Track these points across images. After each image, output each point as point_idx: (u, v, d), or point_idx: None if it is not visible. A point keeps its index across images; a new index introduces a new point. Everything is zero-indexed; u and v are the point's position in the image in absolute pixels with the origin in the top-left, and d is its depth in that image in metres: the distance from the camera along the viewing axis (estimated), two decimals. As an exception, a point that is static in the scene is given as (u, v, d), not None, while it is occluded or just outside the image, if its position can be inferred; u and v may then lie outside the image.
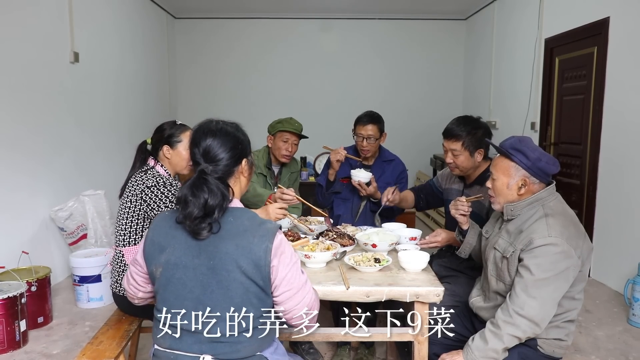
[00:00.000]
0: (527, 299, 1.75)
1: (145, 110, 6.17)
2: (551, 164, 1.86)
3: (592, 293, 3.90)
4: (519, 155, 1.86)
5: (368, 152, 3.04)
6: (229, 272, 1.40)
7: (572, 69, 4.67)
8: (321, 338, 2.05)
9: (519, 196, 1.89)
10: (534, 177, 1.86)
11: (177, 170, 2.40)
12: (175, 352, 1.46)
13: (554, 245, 1.74)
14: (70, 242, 4.05)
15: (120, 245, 2.32)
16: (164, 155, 2.36)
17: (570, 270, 1.78)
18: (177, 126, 2.38)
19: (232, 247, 1.41)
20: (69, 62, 4.30)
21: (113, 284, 2.35)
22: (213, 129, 1.51)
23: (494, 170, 1.96)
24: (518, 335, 1.78)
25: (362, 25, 7.54)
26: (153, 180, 2.24)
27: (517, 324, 1.76)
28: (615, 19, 3.99)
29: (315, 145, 4.66)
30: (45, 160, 3.98)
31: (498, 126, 6.25)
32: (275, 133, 3.13)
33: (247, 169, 1.59)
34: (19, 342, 2.96)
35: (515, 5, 5.79)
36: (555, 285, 1.76)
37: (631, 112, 3.80)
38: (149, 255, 1.51)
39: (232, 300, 1.42)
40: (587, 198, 4.34)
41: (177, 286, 1.44)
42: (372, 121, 3.00)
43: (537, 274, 1.74)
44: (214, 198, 1.40)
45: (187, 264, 1.43)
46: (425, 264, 2.06)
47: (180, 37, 7.55)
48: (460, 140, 2.43)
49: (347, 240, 2.35)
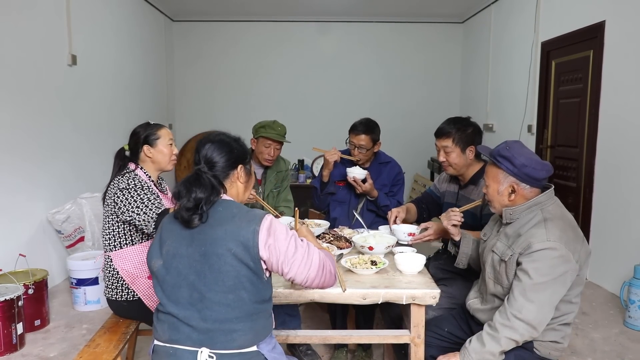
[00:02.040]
0: (526, 302, 1.76)
1: (143, 113, 6.17)
2: (539, 169, 1.84)
3: (588, 295, 3.91)
4: (505, 162, 1.87)
5: (360, 160, 3.07)
6: (219, 257, 1.47)
7: (568, 72, 4.70)
8: (318, 340, 2.05)
9: (511, 202, 1.90)
10: (523, 183, 1.87)
11: (161, 167, 2.39)
12: (175, 347, 1.50)
13: (552, 249, 1.75)
14: (67, 245, 4.05)
15: (108, 250, 2.30)
16: (145, 155, 2.34)
17: (568, 275, 1.78)
18: (151, 126, 2.37)
19: (222, 232, 1.49)
20: (67, 64, 4.30)
21: (106, 290, 2.34)
22: (212, 137, 1.68)
23: (485, 178, 1.99)
24: (515, 339, 1.79)
25: (359, 28, 7.56)
26: (125, 183, 2.23)
27: (515, 328, 1.77)
28: (611, 22, 4.01)
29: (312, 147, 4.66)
30: (43, 163, 3.98)
31: (495, 129, 6.27)
32: (258, 137, 3.14)
33: (243, 175, 1.70)
34: (15, 345, 2.96)
35: (512, 9, 5.82)
36: (553, 289, 1.77)
37: (627, 114, 3.82)
38: (150, 253, 1.61)
39: (224, 284, 1.48)
40: (584, 200, 4.36)
41: (173, 275, 1.52)
42: (365, 131, 3.01)
43: (536, 278, 1.75)
44: (203, 191, 1.52)
45: (182, 253, 1.52)
46: (422, 267, 2.08)
47: (178, 40, 7.55)
48: (451, 137, 2.49)
49: (343, 242, 2.35)
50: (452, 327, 2.15)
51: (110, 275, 2.30)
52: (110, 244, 2.29)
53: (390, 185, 3.14)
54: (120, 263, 2.27)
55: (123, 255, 2.27)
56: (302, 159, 6.42)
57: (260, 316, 1.54)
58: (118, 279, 2.27)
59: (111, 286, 2.29)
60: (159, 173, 2.44)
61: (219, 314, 1.48)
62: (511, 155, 1.86)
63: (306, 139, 6.40)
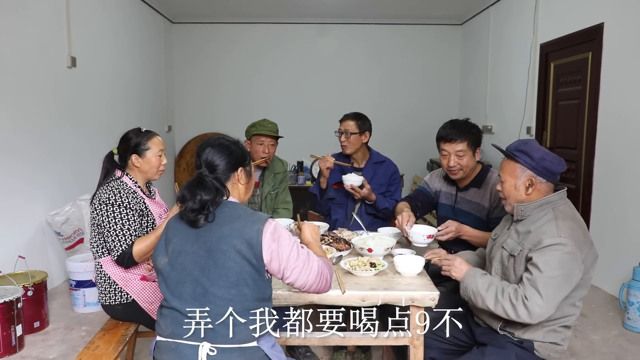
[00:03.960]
0: (536, 293, 1.77)
1: (142, 115, 6.18)
2: (556, 163, 1.90)
3: (587, 297, 3.89)
4: (523, 157, 1.90)
5: (346, 147, 3.06)
6: (223, 252, 1.52)
7: (567, 74, 4.70)
8: (317, 342, 2.05)
9: (527, 196, 1.92)
10: (541, 177, 1.90)
11: (147, 177, 2.35)
12: (176, 341, 1.54)
13: (562, 245, 1.76)
14: (66, 247, 4.05)
15: (97, 257, 2.28)
16: (132, 164, 2.30)
17: (575, 273, 1.79)
18: (142, 134, 2.31)
19: (227, 230, 1.55)
20: (66, 66, 4.30)
21: (99, 295, 2.32)
22: (212, 141, 1.72)
23: (501, 173, 2.00)
24: (508, 315, 1.80)
25: (358, 30, 7.57)
26: (106, 196, 2.18)
27: (517, 308, 1.78)
28: (609, 24, 4.02)
29: (312, 149, 4.67)
30: (42, 165, 3.98)
31: (494, 130, 6.27)
32: (251, 137, 3.14)
33: (243, 177, 1.73)
34: (14, 347, 2.95)
35: (511, 11, 5.83)
36: (560, 286, 1.77)
37: (626, 116, 3.83)
38: (156, 252, 1.66)
39: (228, 279, 1.51)
40: (583, 202, 4.36)
41: (178, 271, 1.57)
42: (351, 118, 3.07)
43: (546, 271, 1.76)
44: (208, 194, 1.57)
45: (187, 249, 1.57)
46: (421, 269, 2.07)
47: (178, 42, 7.56)
48: (466, 140, 2.45)
49: (343, 244, 2.36)
50: (451, 329, 2.14)
51: (102, 281, 2.28)
52: (98, 250, 2.27)
53: (387, 185, 3.13)
54: (111, 268, 2.26)
55: (112, 260, 2.25)
56: (301, 161, 6.42)
57: (259, 312, 1.57)
58: (110, 283, 2.26)
59: (104, 291, 2.28)
60: (146, 181, 2.41)
61: (221, 309, 1.51)
62: (529, 150, 1.90)
63: (305, 141, 6.42)
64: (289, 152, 5.67)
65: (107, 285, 2.27)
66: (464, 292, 1.95)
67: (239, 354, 1.52)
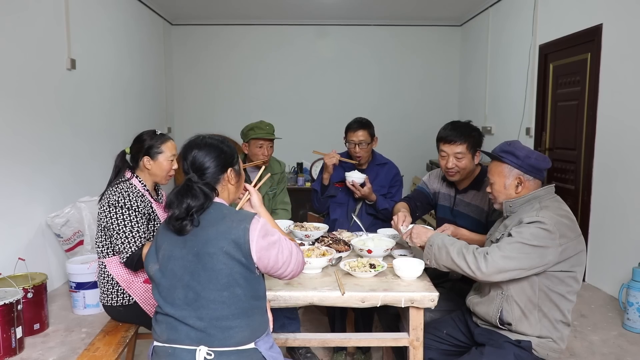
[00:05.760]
0: (497, 249, 1.83)
1: (142, 117, 6.19)
2: (541, 159, 1.97)
3: (587, 298, 3.91)
4: (509, 157, 1.98)
5: (361, 157, 3.07)
6: (211, 256, 1.50)
7: (566, 75, 4.71)
8: (317, 343, 2.06)
9: (517, 194, 1.99)
10: (528, 175, 1.97)
11: (156, 180, 2.35)
12: (173, 346, 1.52)
13: (540, 222, 1.82)
14: (66, 249, 4.05)
15: (102, 257, 2.29)
16: (144, 166, 2.30)
17: (549, 252, 1.81)
18: (157, 136, 2.31)
19: (213, 233, 1.52)
20: (66, 68, 4.31)
21: (101, 296, 2.32)
22: (198, 142, 1.66)
23: (490, 175, 2.05)
24: (470, 267, 1.84)
25: (358, 32, 7.58)
26: (115, 198, 2.18)
27: (478, 260, 1.83)
28: (608, 25, 4.03)
29: (311, 151, 4.68)
30: (42, 167, 3.98)
31: (493, 132, 6.28)
32: (249, 140, 3.14)
33: (233, 178, 1.70)
34: (14, 349, 2.95)
35: (510, 12, 5.84)
36: (524, 250, 1.80)
37: (625, 117, 3.83)
38: (147, 259, 1.63)
39: (218, 282, 1.50)
40: (582, 203, 4.37)
41: (169, 277, 1.55)
42: (362, 127, 3.04)
43: (516, 237, 1.83)
44: (195, 201, 1.53)
45: (176, 255, 1.55)
46: (420, 272, 2.07)
47: (177, 44, 7.57)
48: (466, 142, 2.44)
49: (342, 246, 2.36)
50: (451, 330, 2.15)
51: (105, 281, 2.28)
52: (103, 250, 2.28)
53: (389, 187, 3.14)
54: (115, 269, 2.26)
55: (117, 261, 2.26)
56: (300, 162, 6.43)
57: (255, 312, 1.57)
58: (113, 284, 2.26)
59: (106, 292, 2.28)
60: (154, 184, 2.41)
61: (215, 312, 1.50)
62: (514, 149, 1.98)
63: (305, 142, 6.43)
64: (288, 154, 5.68)
65: (110, 286, 2.27)
66: (428, 250, 2.00)
67: (237, 357, 1.51)
